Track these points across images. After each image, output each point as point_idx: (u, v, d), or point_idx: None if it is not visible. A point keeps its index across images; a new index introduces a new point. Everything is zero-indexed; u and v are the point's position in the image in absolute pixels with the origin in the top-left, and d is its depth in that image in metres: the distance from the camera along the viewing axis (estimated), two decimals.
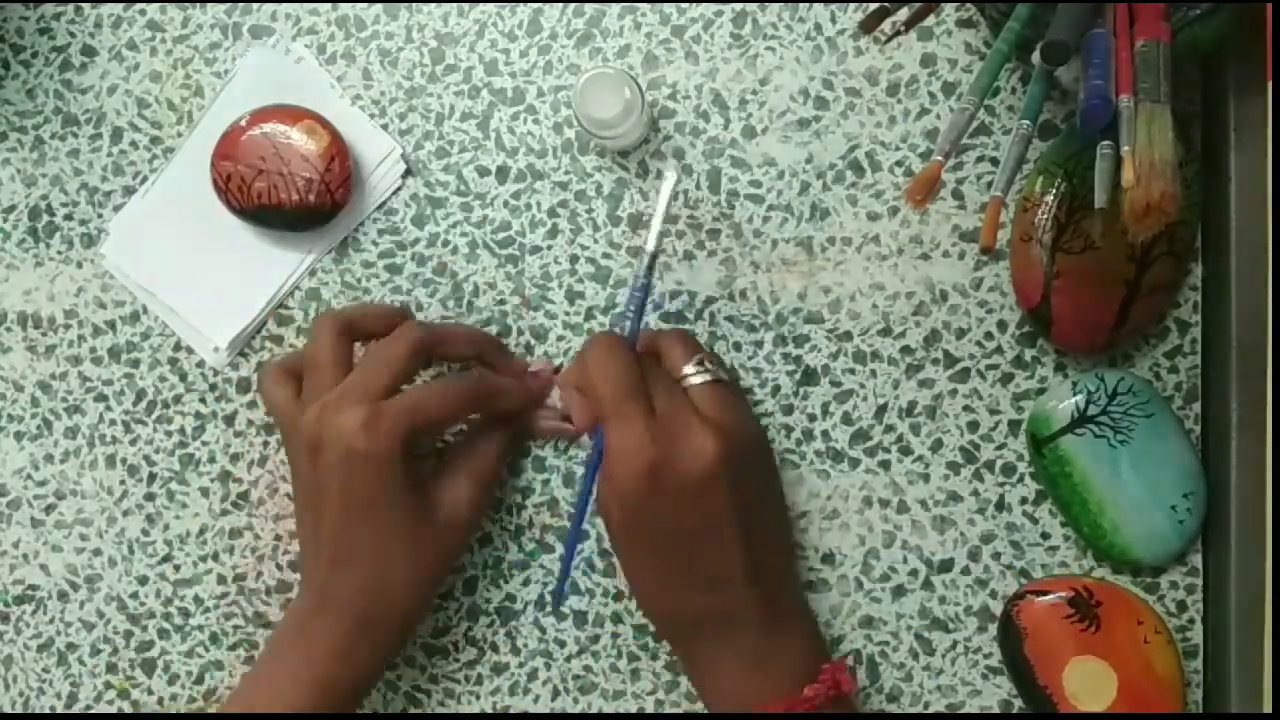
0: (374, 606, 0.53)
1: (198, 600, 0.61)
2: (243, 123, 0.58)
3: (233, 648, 0.61)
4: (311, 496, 0.53)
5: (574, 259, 0.59)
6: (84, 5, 0.61)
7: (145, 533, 0.62)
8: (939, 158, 0.45)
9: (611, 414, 0.50)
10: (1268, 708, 0.50)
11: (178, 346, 0.61)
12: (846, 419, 0.58)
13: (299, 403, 0.54)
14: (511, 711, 0.60)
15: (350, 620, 0.53)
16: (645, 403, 0.50)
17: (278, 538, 0.61)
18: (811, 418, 0.58)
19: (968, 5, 0.57)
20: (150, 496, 0.62)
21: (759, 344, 0.58)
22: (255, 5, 0.60)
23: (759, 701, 0.51)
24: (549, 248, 0.59)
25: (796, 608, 0.55)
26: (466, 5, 0.59)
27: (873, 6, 0.52)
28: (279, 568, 0.61)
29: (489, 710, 0.60)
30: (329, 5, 0.60)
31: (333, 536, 0.53)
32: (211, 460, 0.61)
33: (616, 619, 0.59)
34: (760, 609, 0.51)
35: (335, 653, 0.53)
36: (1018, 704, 0.57)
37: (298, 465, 0.54)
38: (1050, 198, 0.54)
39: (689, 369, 0.53)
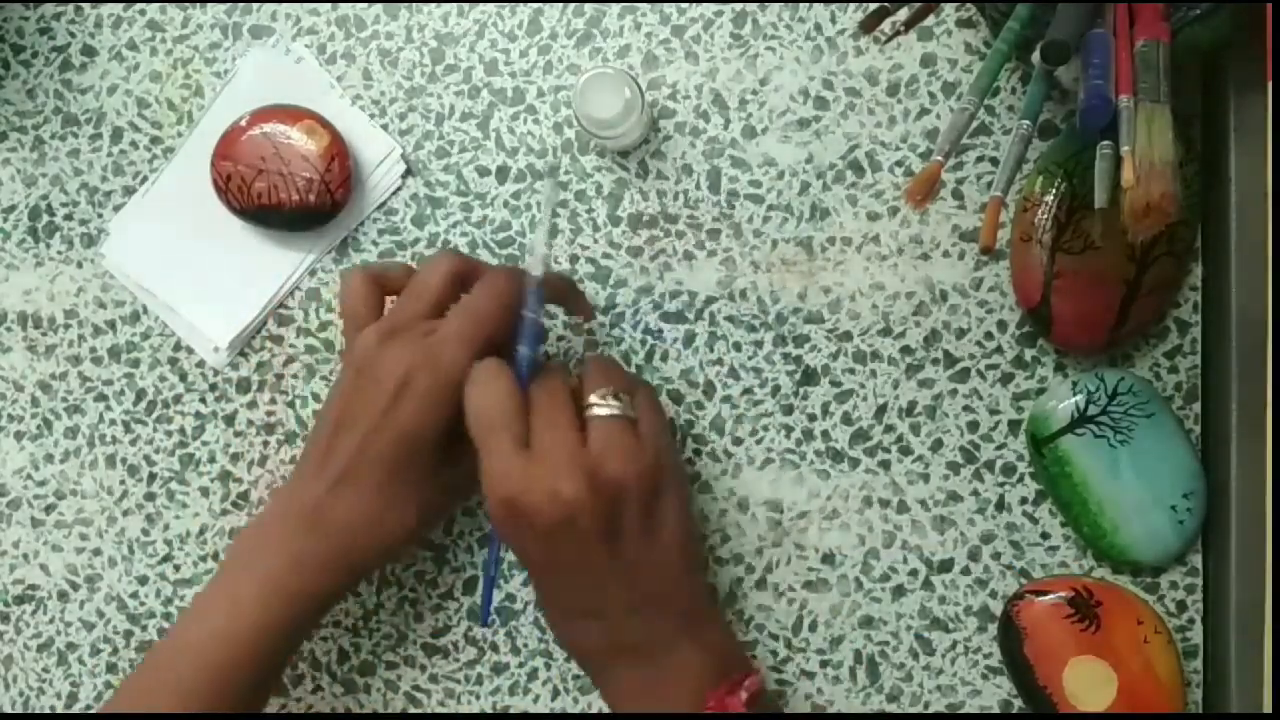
0: (362, 537, 0.52)
1: None
2: (243, 123, 0.58)
3: None
4: (354, 411, 0.52)
5: (574, 259, 0.59)
6: (84, 5, 0.61)
7: (145, 533, 0.62)
8: (939, 158, 0.45)
9: (479, 443, 0.49)
10: (1268, 708, 0.50)
11: (178, 346, 0.61)
12: (846, 419, 0.58)
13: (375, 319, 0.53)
14: (511, 711, 0.60)
15: (335, 542, 0.52)
16: (513, 434, 0.49)
17: None
18: (811, 418, 0.58)
19: (968, 5, 0.57)
20: (150, 496, 0.62)
21: (759, 344, 0.58)
22: (255, 5, 0.60)
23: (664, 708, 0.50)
24: (549, 247, 0.59)
25: (697, 627, 0.52)
26: (466, 5, 0.59)
27: (873, 6, 0.52)
28: None
29: (489, 710, 0.60)
30: (329, 5, 0.60)
31: (373, 454, 0.52)
32: (211, 460, 0.61)
33: None
34: (647, 635, 0.50)
35: (309, 568, 0.52)
36: (1018, 704, 0.57)
37: (351, 382, 0.52)
38: (1050, 198, 0.54)
39: (594, 399, 0.51)
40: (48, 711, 0.62)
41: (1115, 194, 0.45)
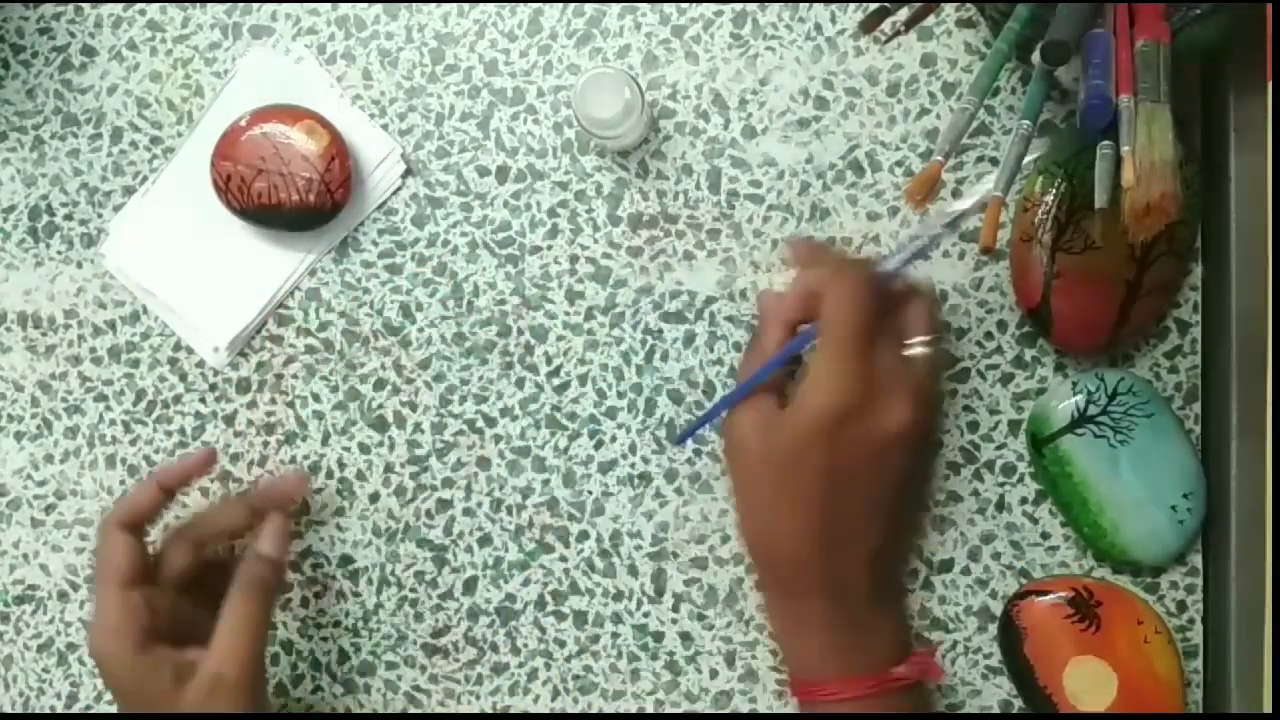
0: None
1: None
2: (243, 123, 0.58)
3: None
4: None
5: (574, 259, 0.59)
6: (84, 5, 0.61)
7: (145, 533, 0.61)
8: (939, 158, 0.45)
9: (836, 345, 0.50)
10: (1268, 708, 0.50)
11: (178, 346, 0.61)
12: None
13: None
14: (511, 711, 0.60)
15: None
16: (869, 349, 0.50)
17: None
18: None
19: (968, 5, 0.57)
20: None
21: None
22: (255, 5, 0.60)
23: (844, 672, 0.52)
24: (549, 248, 0.59)
25: (897, 598, 0.57)
26: (466, 5, 0.60)
27: (873, 6, 0.52)
28: None
29: (489, 710, 0.60)
30: (329, 5, 0.60)
31: None
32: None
33: (616, 619, 0.59)
34: (869, 586, 0.52)
35: None
36: (1018, 704, 0.57)
37: None
38: (1050, 198, 0.54)
39: (918, 339, 0.53)
40: (48, 711, 0.62)
41: (1115, 194, 0.45)
